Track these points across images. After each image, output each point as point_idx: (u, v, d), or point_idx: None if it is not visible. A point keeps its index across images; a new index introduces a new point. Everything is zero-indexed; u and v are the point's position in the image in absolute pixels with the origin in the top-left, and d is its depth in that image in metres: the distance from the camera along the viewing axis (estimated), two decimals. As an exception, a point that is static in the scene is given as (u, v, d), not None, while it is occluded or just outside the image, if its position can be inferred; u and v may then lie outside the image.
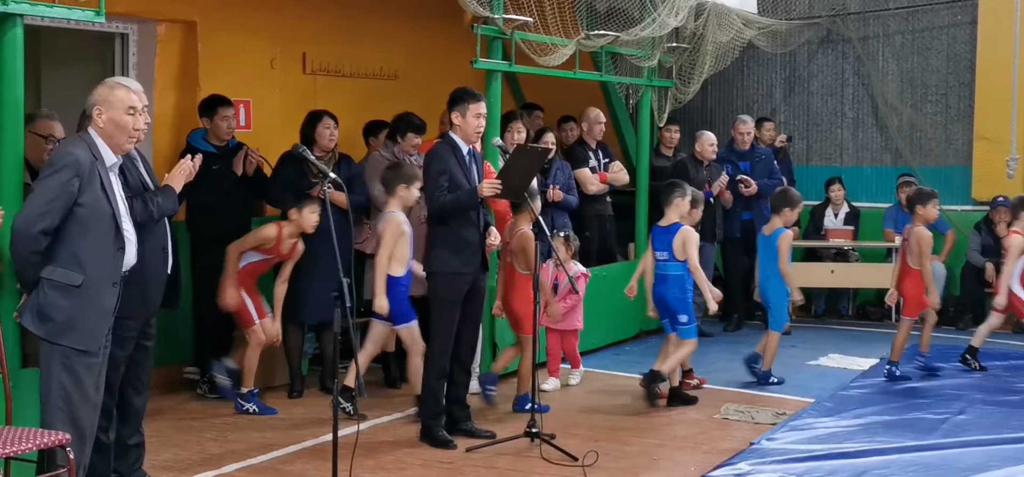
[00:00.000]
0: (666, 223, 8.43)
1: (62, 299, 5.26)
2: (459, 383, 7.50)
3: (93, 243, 5.28)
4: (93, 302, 5.30)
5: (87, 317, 5.29)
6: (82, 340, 5.28)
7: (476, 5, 8.49)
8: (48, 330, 5.28)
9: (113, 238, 5.36)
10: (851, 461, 6.99)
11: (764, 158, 11.79)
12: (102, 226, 5.32)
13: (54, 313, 5.26)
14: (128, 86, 5.53)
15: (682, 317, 8.39)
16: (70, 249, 5.26)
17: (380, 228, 7.72)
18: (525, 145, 8.62)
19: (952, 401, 8.64)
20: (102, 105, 5.41)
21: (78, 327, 5.27)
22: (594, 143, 10.99)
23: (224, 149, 8.58)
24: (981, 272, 11.97)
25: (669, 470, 6.91)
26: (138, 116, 5.46)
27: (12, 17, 5.69)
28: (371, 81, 10.75)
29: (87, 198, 5.26)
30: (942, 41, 13.00)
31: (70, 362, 5.28)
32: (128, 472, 6.07)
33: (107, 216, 5.33)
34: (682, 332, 8.41)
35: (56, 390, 5.28)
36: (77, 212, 5.25)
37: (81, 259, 5.26)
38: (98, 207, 5.30)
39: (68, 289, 5.25)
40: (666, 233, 8.39)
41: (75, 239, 5.26)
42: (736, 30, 11.62)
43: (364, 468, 6.64)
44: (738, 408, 8.36)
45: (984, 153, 12.47)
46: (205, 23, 9.25)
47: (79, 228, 5.26)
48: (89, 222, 5.27)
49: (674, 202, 8.42)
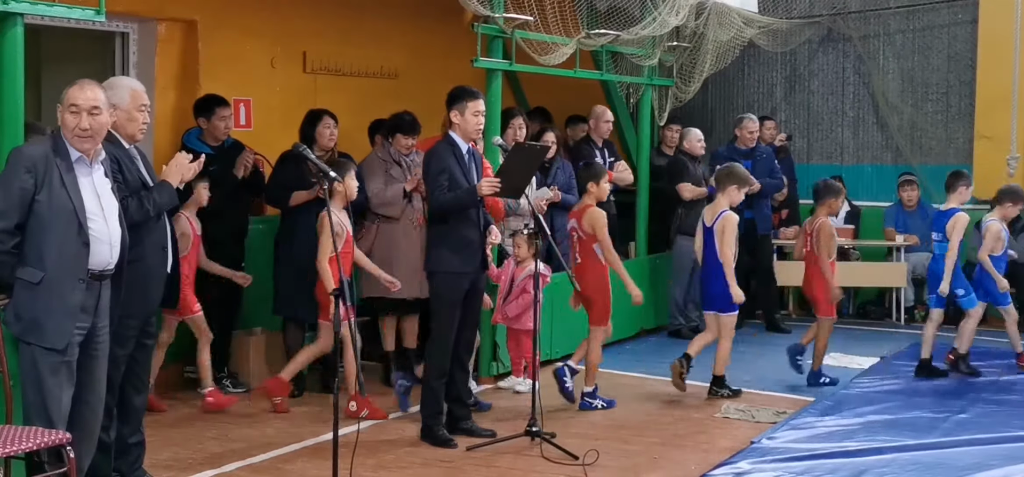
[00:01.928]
0: (945, 207, 9.40)
1: (25, 295, 5.25)
2: (459, 382, 7.50)
3: (52, 239, 5.24)
4: (56, 299, 5.24)
5: (51, 315, 5.24)
6: (47, 338, 5.24)
7: (476, 4, 8.49)
8: (19, 329, 5.28)
9: (76, 234, 5.28)
10: (851, 460, 6.99)
11: (765, 157, 11.79)
12: (61, 222, 5.25)
13: (21, 311, 5.26)
14: (83, 84, 5.39)
15: (958, 290, 9.33)
16: (33, 246, 5.24)
17: None
18: (524, 143, 8.62)
19: (952, 400, 8.65)
20: (62, 105, 5.36)
21: (42, 325, 5.24)
22: (600, 141, 11.00)
23: (220, 149, 8.58)
24: (981, 271, 11.95)
25: (669, 469, 6.91)
26: (82, 115, 5.27)
27: (12, 16, 5.69)
28: (371, 80, 10.75)
29: (43, 195, 5.22)
30: (943, 40, 13.00)
31: (36, 358, 5.25)
32: (129, 471, 6.06)
33: (67, 211, 5.26)
34: (964, 303, 9.42)
35: (31, 386, 5.27)
36: (35, 209, 5.22)
37: (41, 256, 5.24)
38: (57, 203, 5.24)
39: (31, 286, 5.23)
40: (943, 216, 9.35)
41: (36, 235, 5.24)
42: (737, 29, 11.61)
43: (365, 467, 6.64)
44: (738, 407, 8.36)
45: (985, 152, 12.46)
46: (205, 22, 9.25)
47: (38, 224, 5.23)
48: (47, 219, 5.23)
49: (958, 190, 9.37)
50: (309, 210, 8.38)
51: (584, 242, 8.20)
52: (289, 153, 8.40)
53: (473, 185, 7.19)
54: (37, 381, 5.26)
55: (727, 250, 8.55)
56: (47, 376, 5.26)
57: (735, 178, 8.76)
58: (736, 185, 8.71)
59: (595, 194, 8.25)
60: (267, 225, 9.11)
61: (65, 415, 5.34)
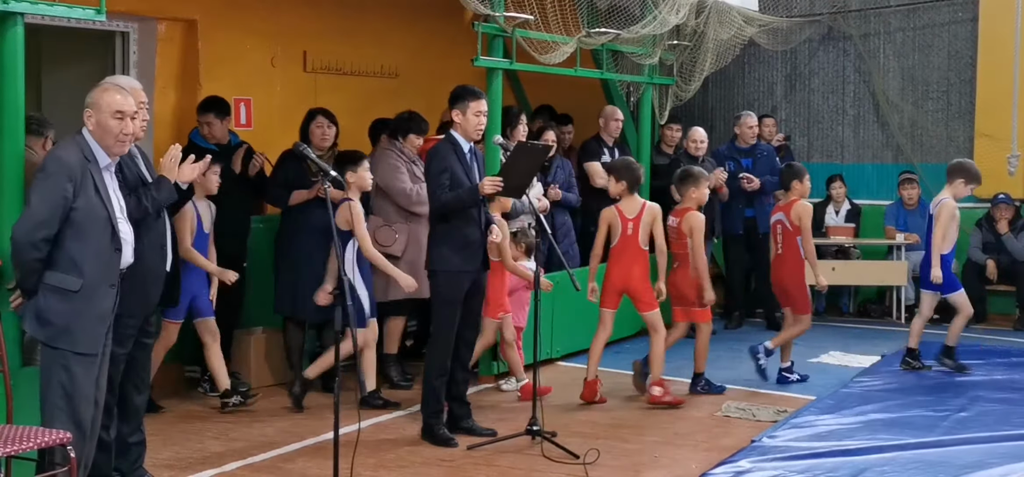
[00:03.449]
0: None
1: (60, 303, 5.25)
2: (459, 381, 7.50)
3: (90, 246, 5.27)
4: (91, 306, 5.29)
5: (85, 321, 5.28)
6: (80, 344, 5.28)
7: (477, 3, 8.48)
8: (47, 334, 5.28)
9: (109, 240, 5.34)
10: (852, 458, 6.99)
11: (766, 155, 11.80)
12: (97, 229, 5.30)
13: (52, 317, 5.26)
14: (120, 88, 5.48)
15: None
16: (67, 254, 5.24)
17: None
18: (526, 142, 8.62)
19: (953, 398, 8.64)
20: (92, 108, 5.39)
21: (75, 331, 5.26)
22: (610, 140, 10.99)
23: (225, 148, 8.58)
24: (982, 269, 11.97)
25: (670, 468, 6.91)
26: (127, 120, 5.38)
27: (13, 16, 5.70)
28: (371, 80, 10.75)
29: (81, 202, 5.25)
30: (943, 38, 13.00)
31: (68, 364, 5.27)
32: (129, 470, 6.07)
33: (102, 218, 5.32)
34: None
35: (56, 390, 5.27)
36: (72, 216, 5.23)
37: (78, 263, 5.25)
38: (93, 210, 5.28)
39: (66, 293, 5.24)
40: None
41: (72, 243, 5.25)
42: (737, 27, 11.61)
43: (365, 466, 6.64)
44: (739, 406, 8.36)
45: (985, 150, 12.46)
46: (206, 21, 9.25)
47: (75, 232, 5.25)
48: (85, 226, 5.26)
49: None
50: (309, 209, 8.39)
51: (788, 234, 8.99)
52: (289, 152, 8.41)
53: (475, 184, 7.19)
54: (66, 385, 5.27)
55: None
56: (81, 380, 5.30)
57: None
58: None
59: (799, 191, 9.10)
60: (267, 224, 9.11)
61: (98, 418, 5.42)
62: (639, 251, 8.33)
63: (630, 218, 8.33)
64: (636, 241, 8.30)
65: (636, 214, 8.34)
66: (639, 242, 8.31)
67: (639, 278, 8.34)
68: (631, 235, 8.30)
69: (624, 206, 8.37)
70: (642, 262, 8.37)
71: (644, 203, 8.43)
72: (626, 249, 8.33)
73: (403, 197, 8.59)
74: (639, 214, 8.33)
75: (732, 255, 11.99)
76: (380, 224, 8.61)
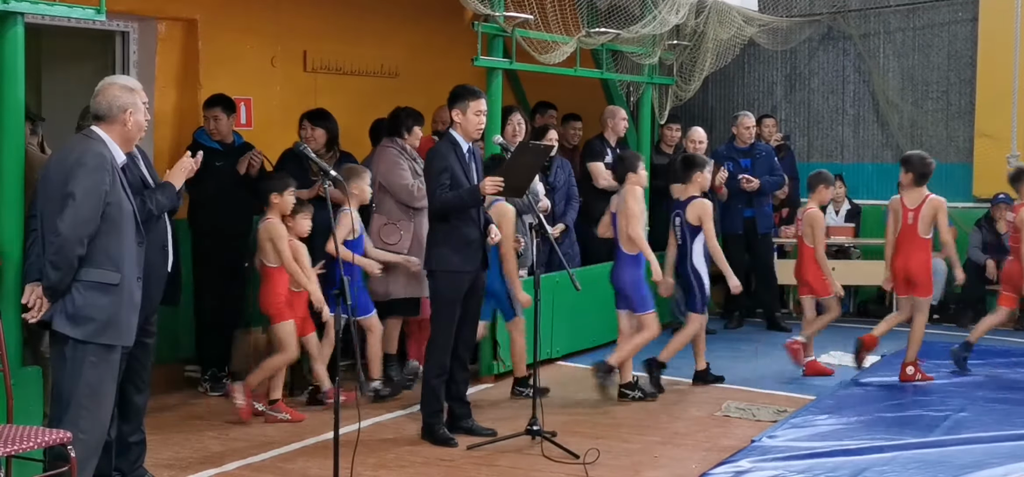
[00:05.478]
0: None
1: (102, 298, 5.28)
2: (459, 380, 7.50)
3: (124, 240, 5.35)
4: (128, 298, 5.38)
5: (124, 313, 5.37)
6: (121, 336, 5.36)
7: (477, 3, 8.49)
8: (86, 331, 5.27)
9: (135, 233, 5.44)
10: (852, 458, 6.99)
11: (765, 155, 11.80)
12: (127, 223, 5.39)
13: (94, 313, 5.27)
14: (138, 87, 5.62)
15: None
16: (104, 248, 5.28)
17: None
18: (528, 142, 8.61)
19: (953, 398, 8.64)
20: (131, 108, 5.47)
21: (117, 324, 5.33)
22: (614, 141, 10.99)
23: (230, 147, 8.58)
24: (982, 269, 11.96)
25: (670, 467, 6.91)
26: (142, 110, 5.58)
27: (13, 16, 5.70)
28: (371, 79, 10.75)
29: (114, 197, 5.31)
30: (943, 38, 13.01)
31: (99, 359, 5.30)
32: (129, 470, 6.07)
33: (129, 213, 5.41)
34: None
35: (83, 390, 5.28)
36: (107, 211, 5.29)
37: (115, 257, 5.31)
38: (122, 205, 5.36)
39: (107, 288, 5.29)
40: None
41: (108, 237, 5.29)
42: (737, 27, 11.61)
43: (365, 466, 6.64)
44: (739, 405, 8.36)
45: (985, 150, 12.47)
46: (206, 21, 9.25)
47: (109, 226, 5.29)
48: (118, 220, 5.32)
49: None
50: (309, 208, 8.38)
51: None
52: (290, 152, 8.41)
53: (475, 184, 7.19)
54: (94, 383, 5.30)
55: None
56: (108, 377, 5.35)
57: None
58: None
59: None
60: (268, 224, 9.09)
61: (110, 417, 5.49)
62: (920, 240, 9.00)
63: (911, 208, 9.00)
64: (915, 230, 8.98)
65: (917, 205, 8.97)
66: (918, 231, 8.98)
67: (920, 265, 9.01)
68: (911, 225, 8.99)
69: (907, 197, 9.07)
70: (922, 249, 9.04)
71: (927, 195, 8.97)
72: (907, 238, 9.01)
73: (405, 192, 8.59)
74: (920, 205, 8.96)
75: (732, 255, 11.94)
76: (384, 222, 8.61)
